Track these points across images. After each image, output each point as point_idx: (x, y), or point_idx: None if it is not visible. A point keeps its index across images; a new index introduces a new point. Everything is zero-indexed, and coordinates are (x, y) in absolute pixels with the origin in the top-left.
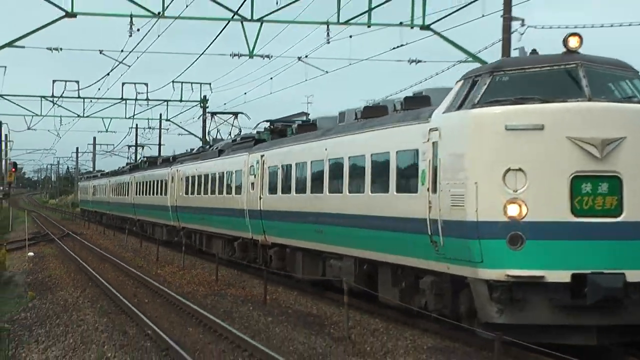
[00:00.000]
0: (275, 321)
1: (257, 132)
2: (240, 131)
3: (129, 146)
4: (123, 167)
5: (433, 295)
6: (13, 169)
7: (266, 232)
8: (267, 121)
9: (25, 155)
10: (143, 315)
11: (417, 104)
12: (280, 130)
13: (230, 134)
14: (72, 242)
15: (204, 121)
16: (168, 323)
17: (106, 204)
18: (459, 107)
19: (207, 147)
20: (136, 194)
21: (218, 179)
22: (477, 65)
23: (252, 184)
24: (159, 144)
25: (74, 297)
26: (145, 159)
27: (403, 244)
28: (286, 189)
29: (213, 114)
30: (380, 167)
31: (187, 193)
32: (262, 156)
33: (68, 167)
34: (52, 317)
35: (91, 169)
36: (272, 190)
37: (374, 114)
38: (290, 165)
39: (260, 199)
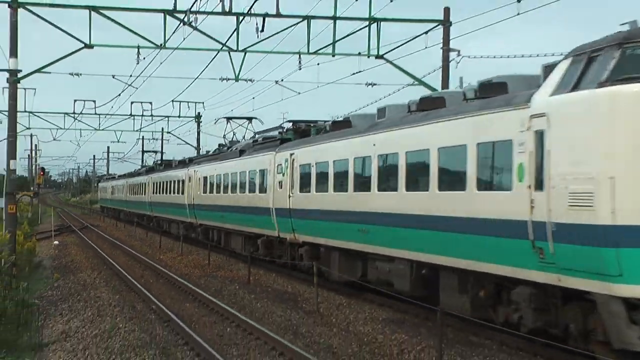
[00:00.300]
0: (257, 298)
1: (280, 132)
2: (255, 134)
3: (145, 151)
4: (139, 169)
5: (531, 309)
6: (41, 173)
7: (296, 230)
8: (289, 121)
9: (51, 161)
10: (149, 293)
11: (494, 91)
12: (304, 131)
13: (244, 137)
14: (90, 233)
15: (199, 133)
16: (169, 299)
17: (124, 202)
18: (575, 88)
19: (225, 149)
20: (153, 193)
21: (240, 178)
22: (422, 88)
23: (280, 182)
24: (162, 152)
25: (92, 278)
26: (160, 161)
27: (485, 248)
28: (322, 187)
29: (229, 118)
30: (452, 162)
31: (205, 192)
32: (291, 154)
33: (87, 171)
34: (74, 295)
35: (105, 173)
36: (304, 188)
37: (432, 105)
38: (327, 163)
39: (289, 198)
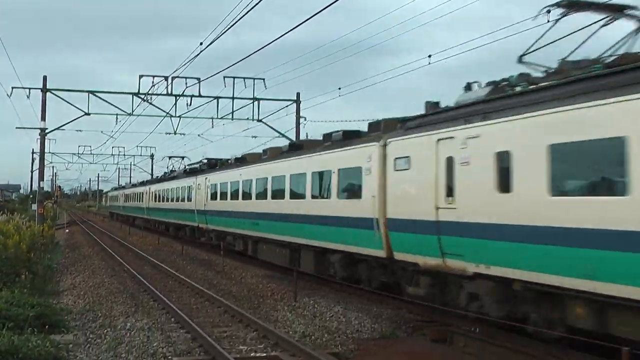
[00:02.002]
0: (188, 263)
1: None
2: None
3: (170, 166)
4: (167, 174)
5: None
6: (58, 189)
7: None
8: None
9: (65, 182)
10: (122, 260)
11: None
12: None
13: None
14: (87, 225)
15: (152, 166)
16: (134, 264)
17: (143, 210)
18: None
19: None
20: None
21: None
22: (284, 139)
23: None
24: (130, 177)
25: (89, 252)
26: (207, 160)
27: None
28: None
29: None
30: None
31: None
32: None
33: (85, 188)
34: (78, 262)
35: (95, 189)
36: None
37: None
38: None
39: None
